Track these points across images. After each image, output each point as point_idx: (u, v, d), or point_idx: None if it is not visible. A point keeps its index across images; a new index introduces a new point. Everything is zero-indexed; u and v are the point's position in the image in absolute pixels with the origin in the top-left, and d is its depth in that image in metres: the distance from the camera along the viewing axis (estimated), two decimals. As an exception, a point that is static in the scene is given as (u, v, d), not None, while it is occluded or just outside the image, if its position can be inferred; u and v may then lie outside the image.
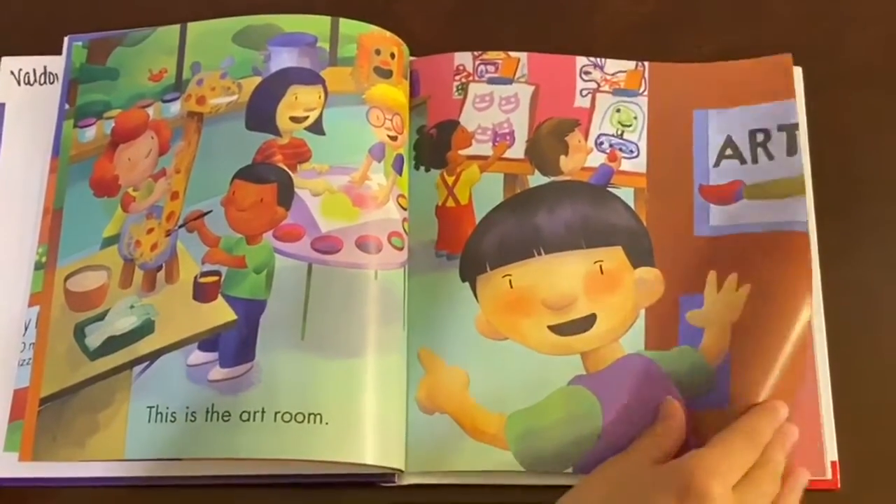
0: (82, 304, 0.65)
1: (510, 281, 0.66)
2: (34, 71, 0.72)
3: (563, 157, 0.69)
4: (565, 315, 0.66)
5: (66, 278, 0.66)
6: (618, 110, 0.71)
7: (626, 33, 0.75)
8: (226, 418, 0.61)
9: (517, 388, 0.64)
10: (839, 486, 0.63)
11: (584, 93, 0.71)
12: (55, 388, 0.63)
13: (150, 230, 0.66)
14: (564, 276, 0.66)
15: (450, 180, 0.69)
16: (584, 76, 0.71)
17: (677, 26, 0.75)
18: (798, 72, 0.72)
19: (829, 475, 0.63)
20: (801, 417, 0.63)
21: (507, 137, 0.70)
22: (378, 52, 0.69)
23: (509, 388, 0.64)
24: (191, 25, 0.70)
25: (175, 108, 0.69)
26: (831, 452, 0.64)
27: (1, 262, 0.68)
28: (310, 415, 0.61)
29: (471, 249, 0.67)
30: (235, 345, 0.63)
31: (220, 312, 0.63)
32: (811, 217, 0.68)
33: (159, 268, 0.65)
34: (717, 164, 0.69)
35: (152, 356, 0.63)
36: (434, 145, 0.70)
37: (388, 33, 0.70)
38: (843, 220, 0.70)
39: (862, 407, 0.65)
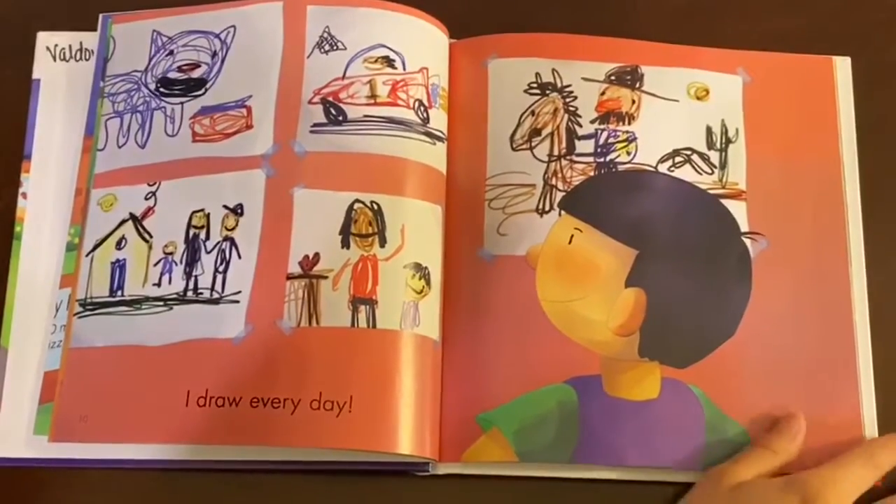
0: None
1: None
2: (70, 47, 0.73)
3: None
4: None
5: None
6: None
7: (670, 17, 0.75)
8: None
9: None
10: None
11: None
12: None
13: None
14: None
15: None
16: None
17: (723, 11, 0.76)
18: (846, 62, 0.73)
19: (870, 475, 0.65)
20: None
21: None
22: None
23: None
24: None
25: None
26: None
27: (34, 242, 0.69)
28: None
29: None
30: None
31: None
32: (858, 212, 0.70)
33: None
34: None
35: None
36: None
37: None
38: (889, 216, 0.71)
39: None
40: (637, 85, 0.71)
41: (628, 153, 0.70)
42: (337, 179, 0.67)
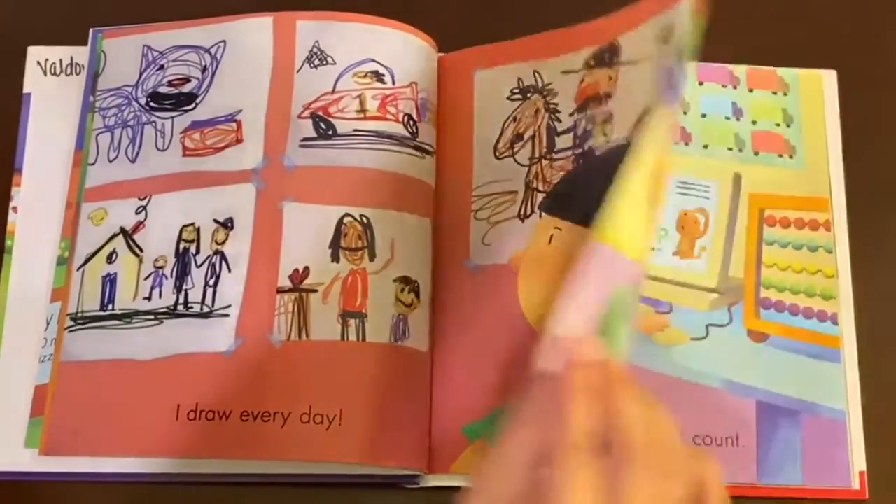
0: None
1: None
2: (60, 61, 0.74)
3: None
4: None
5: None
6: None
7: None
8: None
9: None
10: (867, 496, 0.65)
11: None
12: (76, 384, 0.66)
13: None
14: None
15: None
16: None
17: (710, 27, 0.76)
18: (832, 75, 0.74)
19: (856, 485, 0.65)
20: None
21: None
22: None
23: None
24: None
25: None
26: (859, 463, 0.66)
27: (24, 256, 0.70)
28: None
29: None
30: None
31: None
32: (843, 222, 0.70)
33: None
34: None
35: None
36: None
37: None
38: (875, 225, 0.71)
39: (892, 417, 0.67)
40: (614, 60, 0.69)
41: (605, 134, 0.67)
42: (326, 193, 0.67)
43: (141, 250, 0.68)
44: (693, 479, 0.45)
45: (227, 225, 0.68)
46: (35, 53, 0.74)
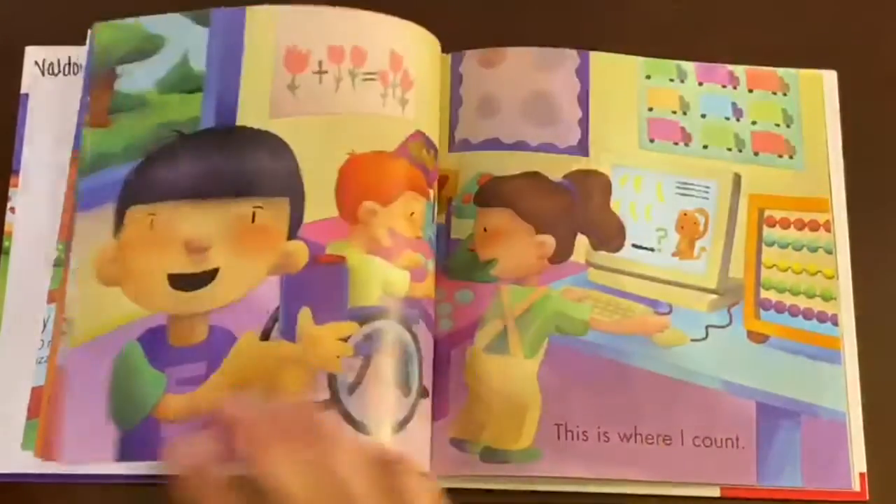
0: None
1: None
2: (58, 61, 0.73)
3: None
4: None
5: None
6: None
7: (656, 32, 0.76)
8: None
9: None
10: (868, 497, 0.65)
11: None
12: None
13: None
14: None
15: None
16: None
17: (709, 27, 0.76)
18: (832, 75, 0.74)
19: (857, 487, 0.65)
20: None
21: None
22: None
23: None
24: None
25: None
26: (859, 464, 0.66)
27: (22, 257, 0.70)
28: None
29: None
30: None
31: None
32: (843, 223, 0.70)
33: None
34: None
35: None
36: None
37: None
38: (875, 226, 0.71)
39: (892, 418, 0.67)
40: None
41: None
42: None
43: None
44: None
45: None
46: (33, 53, 0.74)
